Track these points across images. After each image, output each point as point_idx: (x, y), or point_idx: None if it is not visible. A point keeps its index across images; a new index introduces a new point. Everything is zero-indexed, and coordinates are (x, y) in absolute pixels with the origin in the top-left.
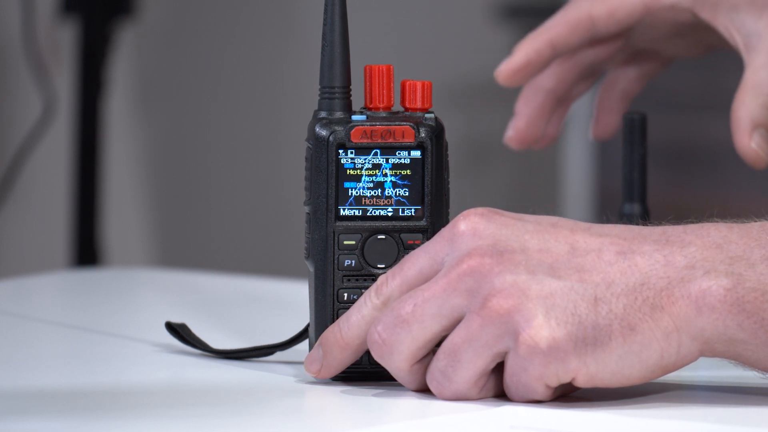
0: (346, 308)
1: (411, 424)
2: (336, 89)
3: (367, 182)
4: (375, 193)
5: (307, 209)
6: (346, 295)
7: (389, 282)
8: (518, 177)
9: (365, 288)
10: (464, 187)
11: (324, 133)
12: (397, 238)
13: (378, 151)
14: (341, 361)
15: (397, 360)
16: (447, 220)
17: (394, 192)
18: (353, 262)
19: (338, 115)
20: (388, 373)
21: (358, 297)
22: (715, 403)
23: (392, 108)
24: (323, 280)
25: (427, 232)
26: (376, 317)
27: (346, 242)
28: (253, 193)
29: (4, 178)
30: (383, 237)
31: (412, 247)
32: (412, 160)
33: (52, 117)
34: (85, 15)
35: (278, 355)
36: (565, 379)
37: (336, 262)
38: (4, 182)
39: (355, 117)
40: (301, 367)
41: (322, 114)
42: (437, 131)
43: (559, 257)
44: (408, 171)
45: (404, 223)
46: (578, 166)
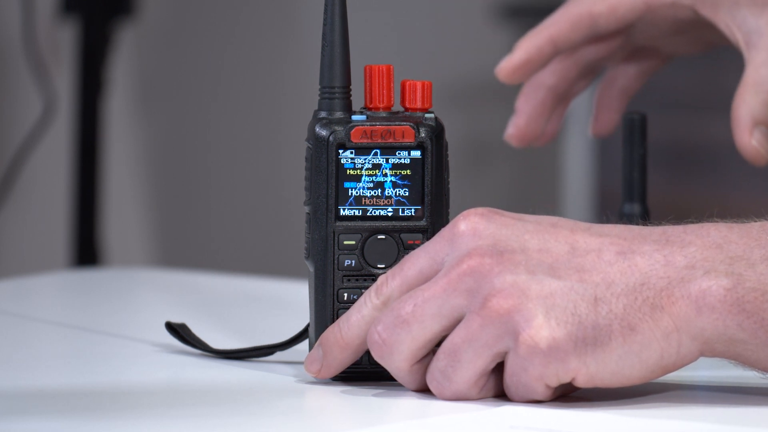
0: (346, 308)
1: (411, 424)
2: (336, 89)
3: (367, 182)
4: (375, 193)
5: (307, 209)
6: (346, 295)
7: (389, 282)
8: (518, 177)
9: (365, 288)
10: (464, 187)
11: (324, 133)
12: (397, 238)
13: (378, 151)
14: (341, 361)
15: (397, 360)
16: (447, 220)
17: (394, 192)
18: (353, 262)
19: (338, 115)
20: (388, 373)
21: (358, 297)
22: (715, 403)
23: (392, 108)
24: (323, 280)
25: (427, 232)
26: (376, 317)
27: (346, 242)
28: (253, 193)
29: (4, 178)
30: (383, 237)
31: (412, 247)
32: (412, 160)
33: (52, 117)
34: (85, 15)
35: (278, 355)
36: (565, 379)
37: (336, 262)
38: (4, 182)
39: (355, 117)
40: (301, 367)
41: (322, 114)
42: (437, 131)
43: (559, 257)
44: (408, 171)
45: (404, 223)
46: (578, 166)
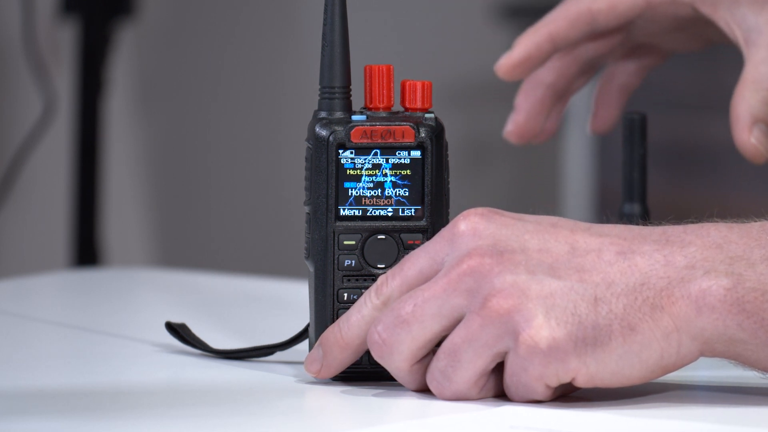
0: (346, 308)
1: (411, 424)
2: (336, 89)
3: (367, 182)
4: (375, 193)
5: (307, 209)
6: (346, 295)
7: (389, 282)
8: (518, 177)
9: (365, 288)
10: (464, 187)
11: (324, 133)
12: (397, 238)
13: (378, 151)
14: (341, 361)
15: (397, 360)
16: (447, 220)
17: (394, 192)
18: (353, 262)
19: (338, 115)
20: (388, 373)
21: (358, 297)
22: (715, 403)
23: (392, 108)
24: (323, 280)
25: (427, 232)
26: (376, 317)
27: (346, 242)
28: (253, 193)
29: (4, 178)
30: (383, 237)
31: (412, 247)
32: (412, 160)
33: (52, 117)
34: (85, 15)
35: (278, 355)
36: (565, 379)
37: (336, 262)
38: (4, 182)
39: (355, 117)
40: (301, 367)
41: (322, 114)
42: (437, 131)
43: (559, 257)
44: (408, 171)
45: (404, 223)
46: (578, 166)
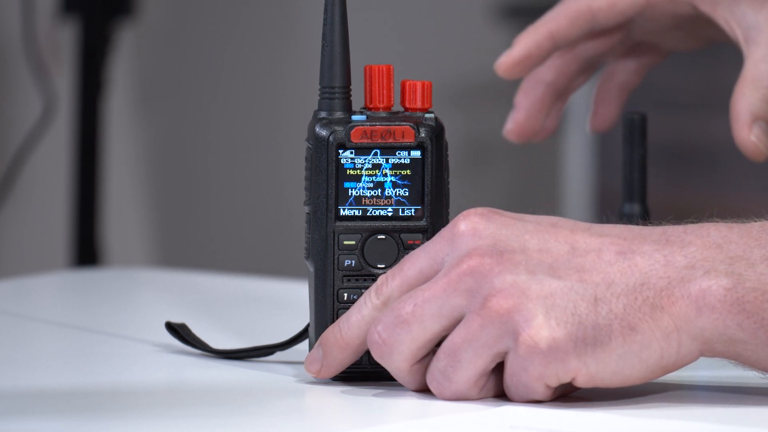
0: (346, 308)
1: (411, 424)
2: (336, 89)
3: (367, 182)
4: (375, 193)
5: (307, 209)
6: (346, 295)
7: (389, 282)
8: (518, 177)
9: (365, 288)
10: (464, 187)
11: (324, 133)
12: (397, 238)
13: (378, 151)
14: (341, 361)
15: (397, 360)
16: (447, 220)
17: (394, 192)
18: (353, 262)
19: (338, 115)
20: (388, 373)
21: (358, 297)
22: (715, 403)
23: (392, 108)
24: (323, 280)
25: (427, 232)
26: (376, 317)
27: (346, 242)
28: (253, 193)
29: (4, 178)
30: (383, 237)
31: (412, 247)
32: (412, 160)
33: (52, 117)
34: (85, 15)
35: (278, 355)
36: (565, 379)
37: (336, 262)
38: (4, 182)
39: (355, 117)
40: (301, 367)
41: (322, 114)
42: (437, 131)
43: (559, 257)
44: (408, 171)
45: (404, 223)
46: (578, 166)
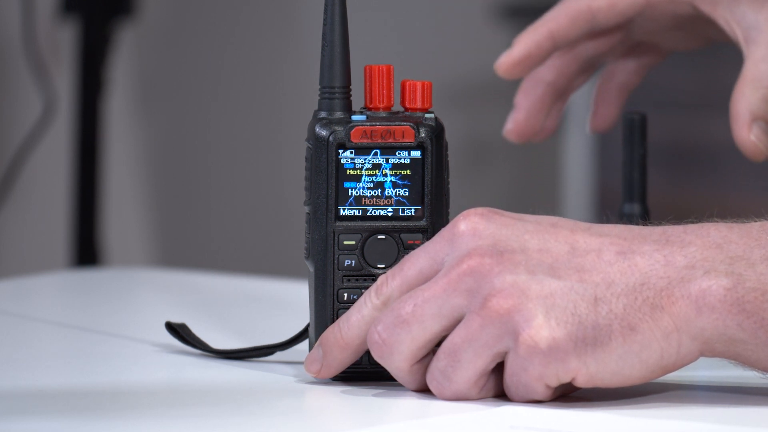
0: (346, 308)
1: (411, 424)
2: (336, 89)
3: (367, 182)
4: (375, 193)
5: (307, 209)
6: (346, 295)
7: (389, 282)
8: (518, 177)
9: (365, 288)
10: (464, 187)
11: (324, 133)
12: (397, 238)
13: (378, 151)
14: (341, 361)
15: (397, 360)
16: (447, 220)
17: (394, 192)
18: (353, 262)
19: (338, 115)
20: (388, 373)
21: (358, 297)
22: (715, 403)
23: (392, 108)
24: (323, 280)
25: (427, 232)
26: (376, 317)
27: (346, 242)
28: (253, 193)
29: (4, 178)
30: (383, 237)
31: (412, 247)
32: (412, 160)
33: (52, 117)
34: (85, 15)
35: (278, 355)
36: (565, 379)
37: (336, 262)
38: (4, 182)
39: (355, 117)
40: (301, 367)
41: (322, 114)
42: (437, 131)
43: (559, 257)
44: (408, 171)
45: (404, 223)
46: (578, 166)
